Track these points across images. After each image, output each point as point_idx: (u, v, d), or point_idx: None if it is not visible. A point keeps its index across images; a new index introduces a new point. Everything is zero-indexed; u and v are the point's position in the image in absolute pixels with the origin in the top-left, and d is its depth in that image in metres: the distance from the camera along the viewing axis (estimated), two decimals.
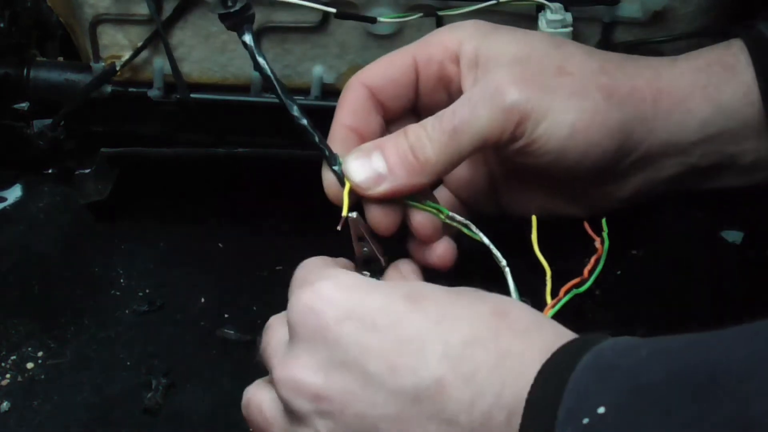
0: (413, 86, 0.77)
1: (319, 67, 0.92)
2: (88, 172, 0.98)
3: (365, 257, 0.76)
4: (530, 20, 0.86)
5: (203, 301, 0.95)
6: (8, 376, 0.88)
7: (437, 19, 0.86)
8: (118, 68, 0.91)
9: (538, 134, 0.72)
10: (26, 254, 0.98)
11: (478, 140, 0.71)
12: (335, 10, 0.84)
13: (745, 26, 0.77)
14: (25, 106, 0.96)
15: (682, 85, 0.75)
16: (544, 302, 0.69)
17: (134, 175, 0.99)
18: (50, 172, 1.02)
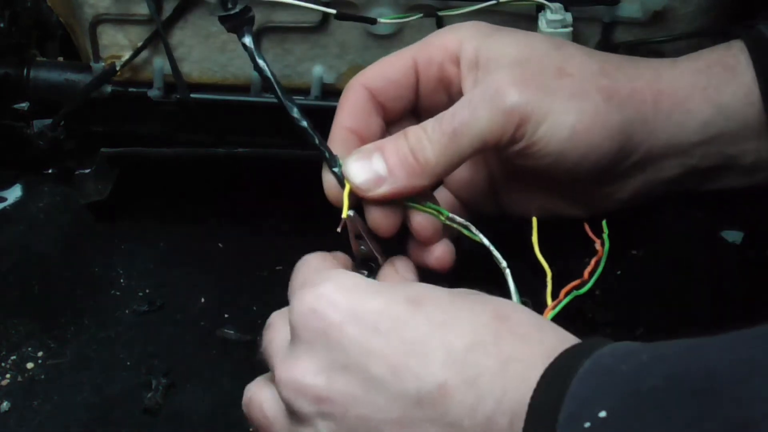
0: (413, 88, 0.77)
1: (319, 67, 0.91)
2: (88, 172, 0.98)
3: (363, 256, 0.76)
4: (530, 20, 0.86)
5: (203, 301, 0.95)
6: (8, 376, 0.88)
7: (437, 19, 0.86)
8: (118, 68, 0.91)
9: (538, 136, 0.72)
10: (26, 254, 0.98)
11: (478, 142, 0.71)
12: (335, 11, 0.84)
13: (745, 26, 0.77)
14: (25, 106, 0.95)
15: (682, 86, 0.75)
16: (544, 303, 0.69)
17: (134, 175, 0.99)
18: (50, 172, 1.02)
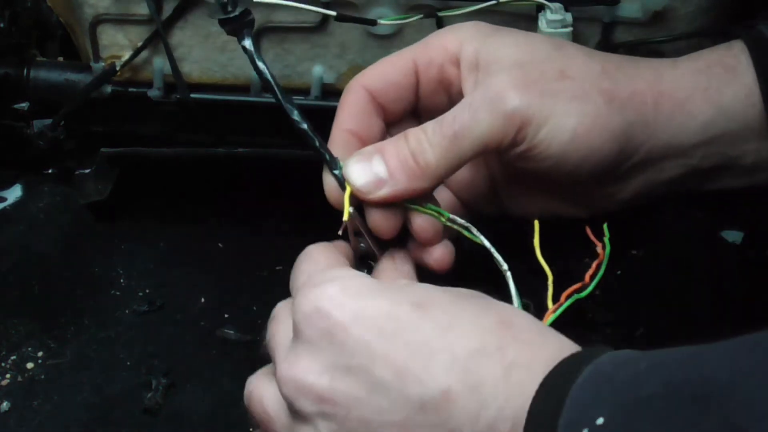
0: (414, 89, 0.76)
1: (319, 67, 0.91)
2: (88, 172, 0.98)
3: (363, 253, 0.76)
4: (530, 20, 0.86)
5: (203, 301, 0.95)
6: (8, 376, 0.88)
7: (437, 19, 0.86)
8: (118, 68, 0.91)
9: (539, 139, 0.72)
10: (26, 254, 0.98)
11: (478, 145, 0.71)
12: (335, 12, 0.84)
13: (745, 26, 0.77)
14: (25, 106, 0.95)
15: (683, 87, 0.74)
16: (545, 305, 0.69)
17: (134, 175, 0.99)
18: (50, 172, 1.02)
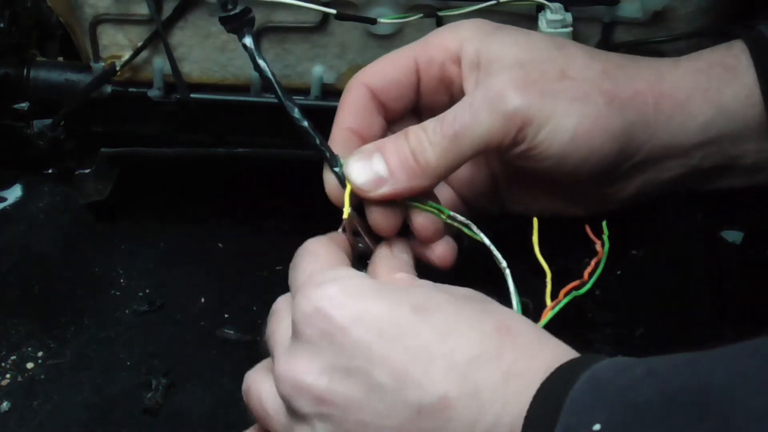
0: (414, 87, 0.76)
1: (319, 67, 0.91)
2: (88, 172, 0.98)
3: (360, 253, 0.76)
4: (530, 20, 0.86)
5: (203, 301, 0.95)
6: (8, 376, 0.88)
7: (437, 19, 0.86)
8: (118, 68, 0.91)
9: (539, 140, 0.71)
10: (26, 254, 0.98)
11: (479, 145, 0.71)
12: (335, 11, 0.84)
13: (745, 26, 0.77)
14: (25, 106, 0.95)
15: (683, 87, 0.74)
16: (544, 303, 0.69)
17: (134, 175, 0.99)
18: (50, 172, 1.02)
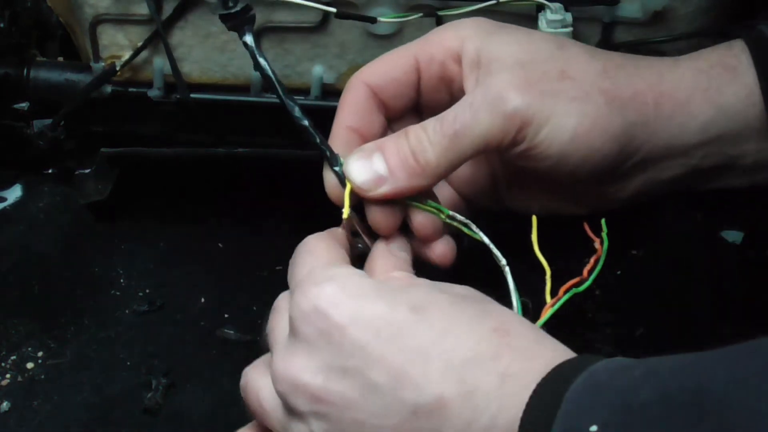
0: (415, 86, 0.76)
1: (319, 67, 0.91)
2: (88, 172, 0.98)
3: (359, 253, 0.76)
4: (530, 20, 0.86)
5: (203, 301, 0.95)
6: (8, 376, 0.88)
7: (437, 19, 0.86)
8: (118, 68, 0.91)
9: (539, 140, 0.71)
10: (26, 254, 0.98)
11: (479, 144, 0.71)
12: (335, 10, 0.84)
13: (745, 26, 0.77)
14: (25, 106, 0.95)
15: (683, 87, 0.74)
16: (543, 301, 0.69)
17: (134, 175, 0.99)
18: (50, 172, 1.02)
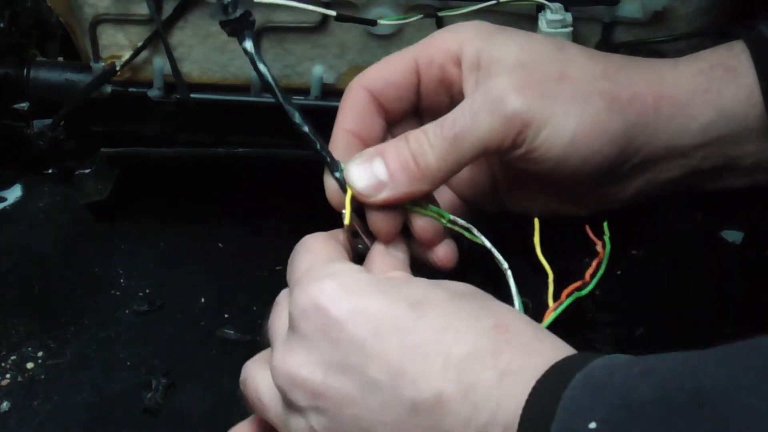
0: (415, 89, 0.76)
1: (319, 67, 0.91)
2: (88, 172, 0.98)
3: (360, 253, 0.76)
4: (530, 20, 0.86)
5: (203, 301, 0.95)
6: (8, 376, 0.88)
7: (437, 19, 0.86)
8: (118, 68, 0.91)
9: (539, 142, 0.71)
10: (26, 254, 0.97)
11: (478, 148, 0.71)
12: (335, 12, 0.84)
13: (745, 27, 0.77)
14: (25, 106, 0.95)
15: (683, 89, 0.74)
16: (545, 303, 0.69)
17: (134, 175, 0.99)
18: (50, 172, 1.02)
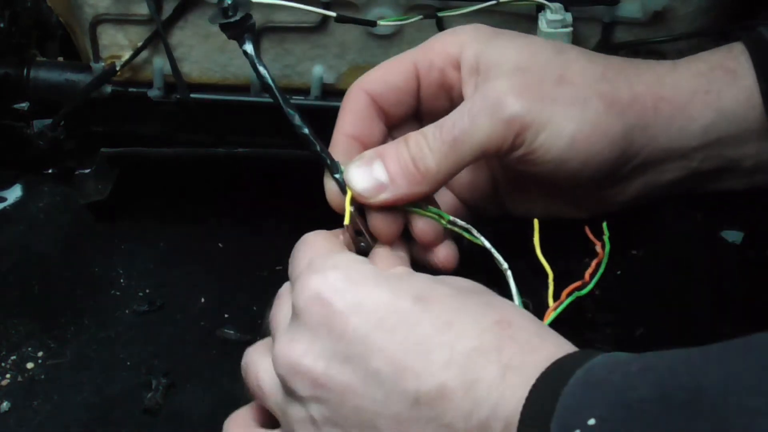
0: (415, 93, 0.76)
1: (319, 67, 0.91)
2: (88, 172, 0.98)
3: (362, 251, 0.76)
4: (530, 20, 0.86)
5: (203, 301, 0.95)
6: (8, 376, 0.88)
7: (437, 20, 0.86)
8: (118, 68, 0.91)
9: (537, 144, 0.71)
10: (26, 254, 0.97)
11: (477, 150, 0.71)
12: (335, 13, 0.84)
13: (745, 28, 0.77)
14: (25, 106, 0.95)
15: (683, 90, 0.74)
16: (545, 303, 0.69)
17: (134, 175, 0.99)
18: (50, 172, 1.02)
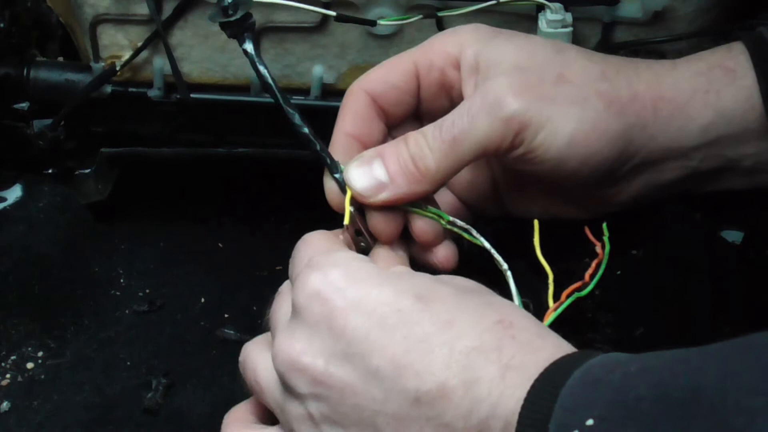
0: (415, 92, 0.76)
1: (319, 67, 0.91)
2: (88, 172, 0.98)
3: (362, 251, 0.76)
4: (530, 20, 0.86)
5: (203, 301, 0.95)
6: (8, 376, 0.88)
7: (437, 20, 0.86)
8: (118, 68, 0.91)
9: (536, 143, 0.71)
10: (26, 254, 0.98)
11: (477, 149, 0.71)
12: (335, 13, 0.84)
13: (745, 28, 0.77)
14: (25, 106, 0.95)
15: (683, 90, 0.74)
16: (545, 304, 0.69)
17: (134, 175, 0.99)
18: (50, 172, 1.02)
